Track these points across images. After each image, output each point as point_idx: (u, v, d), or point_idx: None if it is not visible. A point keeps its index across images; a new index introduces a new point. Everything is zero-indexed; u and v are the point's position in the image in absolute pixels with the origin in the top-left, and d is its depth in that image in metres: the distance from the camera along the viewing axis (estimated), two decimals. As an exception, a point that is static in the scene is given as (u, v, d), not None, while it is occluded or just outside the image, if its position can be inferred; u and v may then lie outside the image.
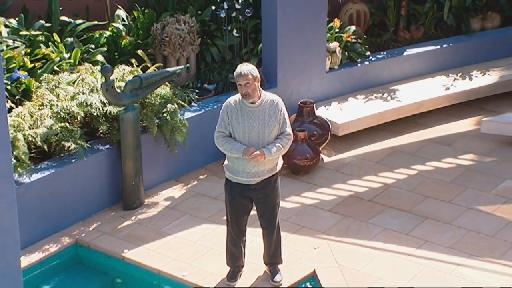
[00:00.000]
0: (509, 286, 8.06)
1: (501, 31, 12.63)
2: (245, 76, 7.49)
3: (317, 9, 10.87)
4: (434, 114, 11.46)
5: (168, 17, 10.73)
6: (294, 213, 9.33)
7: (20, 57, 9.60)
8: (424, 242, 8.80)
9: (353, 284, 8.15)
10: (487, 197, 9.63)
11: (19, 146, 8.57)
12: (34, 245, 8.71)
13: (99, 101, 9.24)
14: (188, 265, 8.45)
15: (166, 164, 9.96)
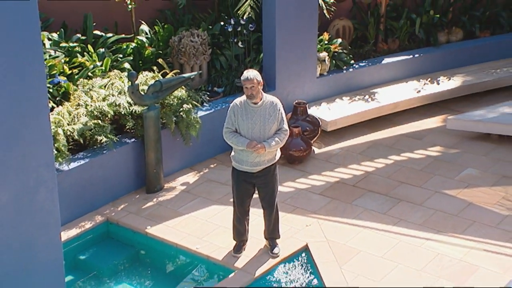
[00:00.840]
0: (469, 256, 8.08)
1: (463, 43, 12.62)
2: (251, 80, 7.53)
3: (309, 24, 10.87)
4: (408, 113, 11.44)
5: (184, 31, 10.72)
6: (289, 196, 9.35)
7: (60, 65, 9.60)
8: (399, 220, 8.82)
9: (338, 255, 8.17)
10: (452, 182, 9.65)
11: (59, 140, 8.59)
12: (71, 222, 8.75)
13: (126, 102, 9.27)
14: (201, 239, 8.48)
15: (182, 155, 9.96)
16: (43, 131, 5.92)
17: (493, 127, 10.61)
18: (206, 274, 8.31)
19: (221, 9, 11.50)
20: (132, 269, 8.59)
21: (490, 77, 11.97)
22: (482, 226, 8.66)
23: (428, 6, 12.50)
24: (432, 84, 11.77)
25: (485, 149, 10.47)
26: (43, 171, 5.97)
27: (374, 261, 8.10)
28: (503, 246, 8.30)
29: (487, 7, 12.91)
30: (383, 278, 7.82)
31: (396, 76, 11.88)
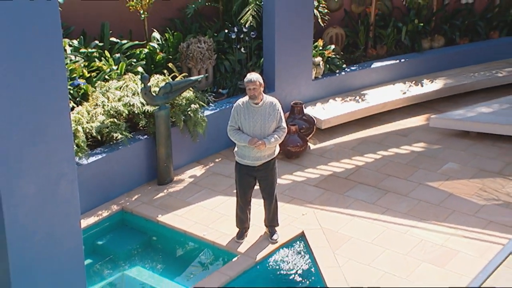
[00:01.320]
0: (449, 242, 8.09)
1: (445, 49, 12.61)
2: (254, 82, 7.57)
3: (305, 32, 10.87)
4: (394, 112, 11.43)
5: (192, 38, 10.71)
6: (287, 187, 9.34)
7: (80, 69, 9.60)
8: (386, 210, 8.83)
9: (332, 241, 8.18)
10: (434, 175, 9.65)
11: (79, 136, 8.60)
12: (90, 211, 8.77)
13: (139, 102, 9.28)
14: (207, 227, 8.49)
15: (190, 150, 9.95)
16: (64, 128, 5.94)
17: (472, 125, 10.62)
18: (212, 258, 8.32)
19: (226, 18, 11.50)
20: (145, 253, 8.60)
21: (468, 80, 11.97)
22: (461, 215, 8.68)
23: (413, 16, 12.51)
24: (417, 86, 11.77)
25: (464, 145, 10.46)
26: (64, 165, 5.98)
27: (363, 246, 8.12)
28: (480, 232, 8.32)
29: (466, 17, 12.92)
30: (371, 262, 7.83)
31: (384, 79, 11.88)
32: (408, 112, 11.49)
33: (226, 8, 11.50)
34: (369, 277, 7.60)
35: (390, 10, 12.61)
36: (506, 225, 8.42)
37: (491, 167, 9.83)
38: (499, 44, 12.86)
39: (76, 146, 8.39)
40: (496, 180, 9.49)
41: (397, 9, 12.71)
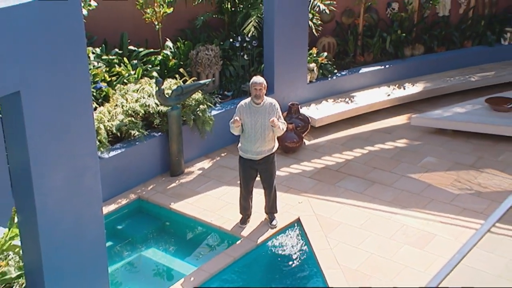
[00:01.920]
0: (428, 226, 8.11)
1: (424, 57, 12.60)
2: (260, 84, 7.69)
3: (301, 41, 10.87)
4: (380, 112, 11.43)
5: (201, 46, 10.70)
6: (285, 179, 9.35)
7: (102, 74, 9.62)
8: (373, 198, 8.84)
9: (324, 226, 8.19)
10: (415, 168, 9.65)
11: (101, 133, 8.63)
12: (111, 199, 8.80)
13: (154, 103, 9.30)
14: (214, 213, 8.51)
15: (199, 146, 9.95)
16: (88, 126, 5.95)
17: (448, 123, 10.62)
18: (218, 241, 8.34)
19: (230, 29, 11.50)
20: (159, 237, 8.62)
21: (445, 84, 11.97)
22: (438, 203, 8.69)
23: (396, 27, 12.50)
24: (399, 89, 11.76)
25: (442, 141, 10.46)
26: (88, 159, 5.99)
27: (352, 231, 8.14)
28: (455, 218, 8.35)
29: (443, 28, 12.91)
30: (359, 244, 7.85)
31: (371, 82, 11.87)
32: (392, 112, 11.49)
33: (231, 20, 11.50)
34: (357, 258, 7.62)
35: (376, 22, 12.60)
36: (478, 212, 8.44)
37: (465, 161, 9.83)
38: (472, 52, 12.86)
39: (98, 142, 8.42)
40: (469, 172, 9.49)
41: (382, 21, 12.71)
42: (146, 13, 10.56)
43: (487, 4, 13.25)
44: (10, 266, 5.98)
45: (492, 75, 12.31)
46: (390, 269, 7.42)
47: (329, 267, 7.46)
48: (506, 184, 9.17)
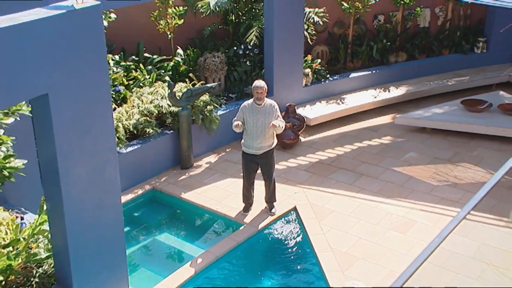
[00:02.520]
0: (410, 214, 8.12)
1: (407, 63, 12.58)
2: (262, 87, 7.73)
3: (297, 49, 10.85)
4: (367, 112, 11.42)
5: (208, 53, 10.71)
6: (283, 172, 9.35)
7: (120, 78, 9.63)
8: (361, 189, 8.85)
9: (318, 214, 8.20)
10: (398, 162, 9.65)
11: (119, 131, 8.66)
12: (128, 189, 8.80)
13: (167, 104, 9.32)
14: (219, 202, 8.53)
15: (206, 142, 9.95)
16: (108, 125, 5.96)
17: (428, 122, 10.62)
18: (223, 227, 8.35)
19: (234, 38, 11.50)
20: (171, 223, 8.65)
21: (425, 87, 11.97)
22: (419, 193, 8.70)
23: (382, 37, 12.50)
24: (385, 92, 11.76)
25: (422, 139, 10.46)
26: (108, 153, 6.00)
27: (343, 218, 8.15)
28: (433, 207, 8.36)
29: (423, 38, 12.91)
30: (349, 230, 7.87)
31: (359, 86, 11.87)
32: (378, 112, 11.49)
33: (235, 30, 11.50)
34: (347, 242, 7.63)
35: (364, 32, 12.60)
36: (454, 201, 8.45)
37: (443, 156, 9.84)
38: (449, 59, 12.86)
39: (117, 138, 8.46)
40: (446, 166, 9.50)
41: (370, 31, 12.71)
42: (159, 24, 10.57)
43: (462, 17, 13.26)
44: (40, 248, 6.00)
45: (467, 79, 12.31)
46: (376, 252, 7.44)
47: (322, 250, 7.48)
48: (479, 176, 9.18)
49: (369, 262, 7.27)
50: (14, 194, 7.02)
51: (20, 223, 6.16)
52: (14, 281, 5.70)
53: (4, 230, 5.84)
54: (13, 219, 6.08)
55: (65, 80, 5.42)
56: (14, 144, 5.53)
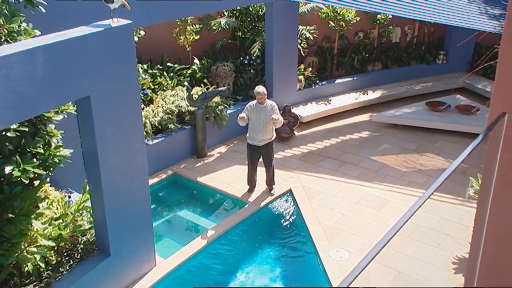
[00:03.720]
0: (384, 195, 8.14)
1: (382, 71, 12.52)
2: (261, 93, 7.78)
3: (292, 60, 10.80)
4: (350, 112, 11.39)
5: (219, 63, 10.70)
6: (280, 160, 9.34)
7: (148, 83, 9.63)
8: (344, 174, 8.85)
9: (309, 194, 8.22)
10: (374, 152, 9.65)
11: (147, 126, 8.66)
12: (154, 174, 8.81)
13: (185, 104, 9.30)
14: (228, 185, 8.53)
15: (217, 136, 9.95)
16: (138, 121, 5.99)
17: (399, 120, 10.60)
18: (231, 205, 8.35)
19: (241, 50, 11.47)
20: (189, 202, 8.64)
21: (396, 91, 11.95)
22: (392, 178, 8.71)
23: (362, 49, 12.45)
24: (364, 95, 11.73)
25: (394, 133, 10.45)
26: (138, 145, 6.04)
27: (329, 198, 8.16)
28: (403, 189, 8.37)
29: (395, 51, 12.87)
30: (334, 207, 7.88)
31: (343, 90, 11.85)
32: (358, 112, 11.47)
33: (241, 44, 11.48)
34: (332, 217, 7.65)
35: (347, 46, 12.56)
36: (420, 184, 8.46)
37: (410, 147, 9.83)
38: (415, 68, 12.82)
39: (145, 132, 8.44)
40: (413, 155, 9.50)
41: (351, 45, 12.66)
42: (179, 39, 10.56)
43: (426, 34, 13.22)
44: (84, 221, 6.04)
45: (430, 85, 12.28)
46: (356, 225, 7.46)
47: (312, 223, 7.52)
48: (440, 164, 9.19)
49: (350, 233, 7.30)
50: (63, 177, 7.05)
51: (68, 201, 6.21)
52: (64, 247, 5.75)
53: (55, 206, 5.88)
54: (62, 197, 6.12)
55: (103, 84, 5.44)
56: (63, 137, 5.55)
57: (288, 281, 6.68)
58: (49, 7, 5.57)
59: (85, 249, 5.90)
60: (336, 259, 6.76)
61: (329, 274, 6.45)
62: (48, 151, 5.26)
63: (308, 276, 6.75)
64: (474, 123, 10.06)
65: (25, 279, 5.31)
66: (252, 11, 11.22)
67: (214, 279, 6.74)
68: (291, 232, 7.62)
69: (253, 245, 7.38)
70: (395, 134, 10.44)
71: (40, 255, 5.17)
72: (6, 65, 4.43)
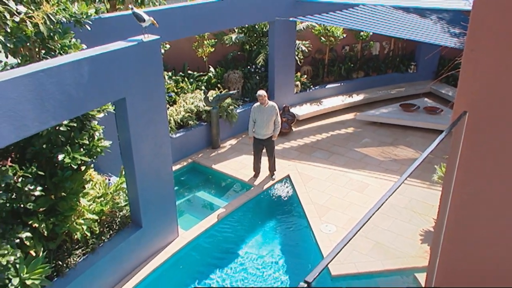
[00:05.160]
0: (365, 179, 8.15)
1: (364, 79, 12.45)
2: (261, 95, 7.73)
3: (290, 68, 10.75)
4: (338, 111, 11.34)
5: (230, 71, 10.67)
6: (280, 151, 9.32)
7: (172, 87, 9.62)
8: (332, 163, 8.84)
9: (304, 179, 8.21)
10: (357, 144, 9.62)
11: (171, 122, 8.65)
12: (177, 161, 8.82)
13: (202, 105, 9.28)
14: (237, 171, 8.53)
15: (228, 130, 9.94)
16: (163, 118, 6.01)
17: (378, 118, 10.55)
18: (240, 187, 8.33)
19: (248, 60, 11.41)
20: (205, 185, 8.61)
21: (376, 95, 11.89)
22: (371, 166, 8.70)
23: (348, 60, 12.40)
24: (349, 98, 11.68)
25: (373, 129, 10.42)
26: (164, 137, 6.06)
27: (320, 182, 8.16)
28: (381, 174, 8.35)
29: (375, 62, 12.81)
30: (325, 190, 7.88)
31: (332, 93, 11.80)
32: (345, 112, 11.43)
33: (249, 55, 11.42)
34: (323, 198, 7.65)
35: (335, 57, 12.51)
36: (394, 171, 8.45)
37: (387, 140, 9.81)
38: (391, 76, 12.76)
39: (169, 128, 8.46)
40: (389, 148, 9.49)
41: (339, 56, 12.60)
42: (198, 51, 10.54)
43: (400, 48, 13.17)
44: (121, 199, 6.08)
45: (403, 90, 12.21)
46: (342, 204, 7.47)
47: (306, 203, 7.53)
48: (410, 154, 9.17)
49: (337, 211, 7.31)
50: (103, 164, 7.10)
51: (108, 183, 6.25)
52: (105, 220, 5.80)
53: (98, 187, 5.92)
54: (103, 180, 6.16)
55: (136, 88, 5.47)
56: (104, 131, 5.59)
57: (286, 249, 6.70)
58: (94, 26, 5.59)
59: (122, 222, 5.95)
60: (325, 232, 6.77)
61: (320, 244, 6.47)
62: (92, 142, 5.30)
63: (302, 245, 6.78)
64: (438, 122, 10.04)
65: (75, 245, 5.37)
66: (258, 28, 11.19)
67: (225, 246, 6.77)
68: (288, 210, 7.63)
69: (258, 220, 7.39)
70: (374, 130, 10.43)
71: (86, 226, 5.23)
72: (59, 73, 4.47)
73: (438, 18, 9.56)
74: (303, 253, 6.60)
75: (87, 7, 5.15)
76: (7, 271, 4.25)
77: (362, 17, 9.31)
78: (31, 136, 4.90)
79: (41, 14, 4.66)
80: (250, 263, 6.41)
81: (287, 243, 6.85)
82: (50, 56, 4.96)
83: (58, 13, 4.82)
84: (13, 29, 4.57)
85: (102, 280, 5.56)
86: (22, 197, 4.62)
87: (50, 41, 4.89)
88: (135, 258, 6.05)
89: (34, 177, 4.79)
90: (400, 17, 9.41)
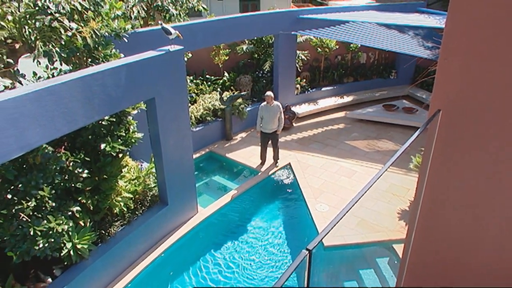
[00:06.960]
0: (353, 167, 8.13)
1: (353, 83, 12.34)
2: (268, 96, 7.60)
3: (291, 74, 10.68)
4: (332, 111, 11.29)
5: (242, 75, 10.63)
6: (283, 143, 9.29)
7: (193, 89, 9.61)
8: (326, 153, 8.79)
9: (303, 167, 8.20)
10: (347, 138, 9.57)
11: (192, 119, 8.64)
12: (196, 151, 8.79)
13: (218, 104, 9.28)
14: (247, 159, 8.52)
15: (240, 125, 9.92)
16: (186, 115, 6.02)
17: (365, 116, 10.48)
18: (249, 173, 8.31)
19: (257, 67, 11.36)
20: (220, 170, 8.61)
21: (363, 96, 11.80)
22: (359, 156, 8.67)
23: (340, 68, 12.32)
24: (341, 99, 11.61)
25: (361, 125, 10.35)
26: (185, 131, 6.08)
27: (316, 169, 8.14)
28: (366, 163, 8.31)
29: (362, 69, 12.72)
30: (320, 175, 7.86)
31: (327, 95, 11.73)
32: (337, 111, 11.36)
33: (257, 62, 11.35)
34: (318, 182, 7.64)
35: (329, 65, 12.43)
36: (377, 160, 8.41)
37: (372, 135, 9.76)
38: (376, 82, 12.64)
39: (191, 123, 8.43)
40: (374, 141, 9.44)
41: (333, 64, 12.51)
42: (215, 59, 10.51)
43: (383, 58, 13.07)
44: (151, 181, 6.12)
45: (386, 93, 12.10)
46: (334, 188, 7.46)
47: (304, 186, 7.53)
48: (391, 146, 9.12)
49: (330, 193, 7.31)
50: (137, 152, 7.15)
51: (140, 167, 6.30)
52: (138, 198, 5.85)
53: (132, 171, 5.97)
54: (137, 165, 6.20)
55: (163, 90, 5.49)
56: (137, 125, 5.63)
57: (287, 224, 6.74)
58: (130, 39, 5.61)
59: (152, 200, 6.01)
60: (320, 210, 6.79)
61: (315, 221, 6.49)
62: (128, 134, 5.35)
63: (300, 222, 6.80)
64: (414, 119, 9.96)
65: (115, 218, 5.45)
66: (265, 40, 11.12)
67: (236, 222, 6.80)
68: (289, 192, 7.63)
69: (263, 201, 7.40)
70: (361, 126, 10.37)
71: (123, 202, 5.29)
72: (103, 77, 4.51)
73: (414, 34, 9.53)
74: (301, 227, 6.63)
75: (125, 23, 5.18)
76: (62, 237, 4.36)
77: (351, 31, 9.27)
78: (80, 129, 4.98)
79: (88, 29, 4.73)
80: (257, 234, 6.46)
81: (288, 219, 6.88)
82: (95, 63, 5.03)
83: (102, 29, 4.88)
84: (67, 42, 4.67)
85: (136, 247, 5.64)
86: (73, 178, 4.72)
87: (95, 51, 4.96)
88: (162, 230, 6.12)
89: (82, 162, 4.88)
90: (383, 32, 9.36)
